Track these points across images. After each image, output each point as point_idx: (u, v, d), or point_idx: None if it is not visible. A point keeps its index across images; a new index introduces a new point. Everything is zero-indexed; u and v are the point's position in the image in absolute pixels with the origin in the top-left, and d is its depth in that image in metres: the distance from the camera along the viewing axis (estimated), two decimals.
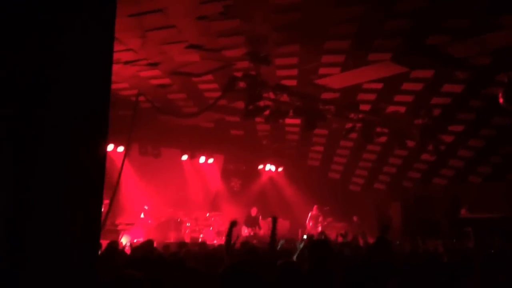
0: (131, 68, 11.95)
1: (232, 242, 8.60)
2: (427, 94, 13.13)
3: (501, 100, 10.92)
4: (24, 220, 2.33)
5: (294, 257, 7.66)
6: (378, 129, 15.14)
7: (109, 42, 2.89)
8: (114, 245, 8.86)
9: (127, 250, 10.21)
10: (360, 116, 14.58)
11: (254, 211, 18.08)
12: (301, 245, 9.53)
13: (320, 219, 18.41)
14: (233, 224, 7.13)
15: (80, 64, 2.65)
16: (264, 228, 18.27)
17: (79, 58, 2.65)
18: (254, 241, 14.53)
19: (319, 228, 17.75)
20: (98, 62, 2.76)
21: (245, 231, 17.29)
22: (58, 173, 2.48)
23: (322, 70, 12.08)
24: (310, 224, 18.29)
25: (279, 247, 10.18)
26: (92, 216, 2.63)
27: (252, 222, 17.85)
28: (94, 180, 2.65)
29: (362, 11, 9.12)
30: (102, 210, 12.21)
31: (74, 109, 2.59)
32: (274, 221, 6.81)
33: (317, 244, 5.73)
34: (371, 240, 13.33)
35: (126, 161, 12.10)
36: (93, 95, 2.69)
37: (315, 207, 18.55)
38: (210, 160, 19.28)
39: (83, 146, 2.61)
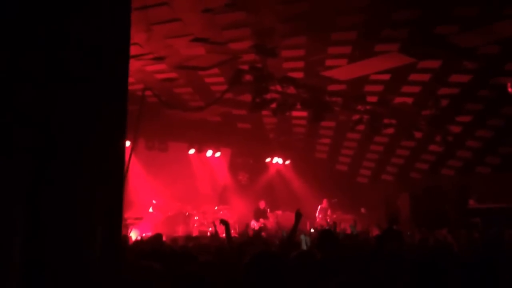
0: (136, 63, 11.92)
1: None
2: (434, 84, 13.05)
3: (510, 90, 10.85)
4: (42, 216, 2.33)
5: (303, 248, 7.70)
6: (386, 121, 15.06)
7: (126, 38, 2.88)
8: (124, 239, 8.92)
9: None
10: (368, 107, 14.52)
11: (262, 204, 18.10)
12: (306, 237, 9.55)
13: (329, 212, 18.39)
14: (226, 224, 7.16)
15: (98, 60, 2.64)
16: (272, 221, 18.30)
17: (98, 54, 2.63)
18: (263, 234, 14.54)
19: (328, 221, 17.74)
20: (115, 57, 2.74)
21: (254, 224, 17.29)
22: (77, 173, 2.47)
23: (328, 62, 12.02)
24: (320, 216, 18.27)
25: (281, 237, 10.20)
26: (114, 212, 2.63)
27: (260, 215, 17.86)
28: (115, 177, 2.65)
29: (370, 1, 9.06)
30: None
31: (93, 106, 2.58)
32: (298, 216, 6.80)
33: (324, 233, 5.80)
34: (377, 233, 13.36)
35: (133, 156, 12.09)
36: (112, 91, 2.68)
37: (324, 200, 18.52)
38: (218, 154, 19.27)
39: (102, 144, 2.60)
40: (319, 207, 18.50)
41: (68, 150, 2.45)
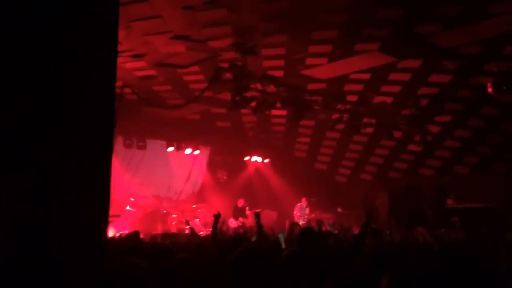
0: None
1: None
2: (414, 84, 13.10)
3: (489, 90, 10.92)
4: (28, 214, 2.34)
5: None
6: (365, 120, 15.07)
7: (113, 36, 2.89)
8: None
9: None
10: (347, 107, 14.52)
11: (241, 203, 18.06)
12: (284, 235, 9.56)
13: (308, 210, 18.40)
14: (217, 217, 7.20)
15: (87, 60, 2.66)
16: (251, 219, 18.25)
17: (86, 54, 2.65)
18: (241, 231, 14.49)
19: (306, 220, 17.75)
20: (103, 57, 2.78)
21: (232, 223, 17.24)
22: (64, 172, 2.49)
23: (309, 61, 11.99)
24: (298, 214, 18.27)
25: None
26: (100, 210, 2.70)
27: (239, 213, 17.81)
28: (101, 176, 2.71)
29: (351, 0, 9.03)
30: None
31: (82, 105, 2.60)
32: (257, 215, 6.90)
33: (305, 231, 5.81)
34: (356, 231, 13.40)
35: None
36: (100, 91, 2.70)
37: (303, 199, 18.52)
38: (196, 152, 19.18)
39: (90, 143, 2.62)
40: (297, 205, 18.50)
41: (55, 150, 2.44)
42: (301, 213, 18.29)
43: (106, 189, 2.68)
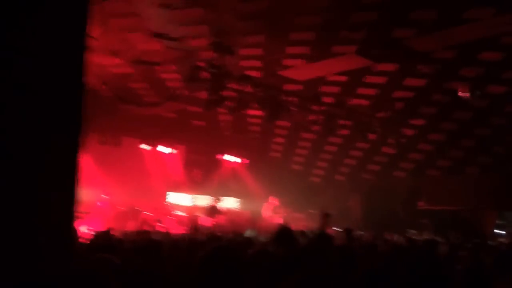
0: (91, 56, 11.64)
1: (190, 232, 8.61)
2: (390, 87, 13.21)
3: (459, 93, 11.08)
4: None
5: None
6: (341, 122, 15.17)
7: (82, 28, 2.85)
8: (74, 231, 8.74)
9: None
10: (323, 108, 14.59)
11: (214, 202, 18.05)
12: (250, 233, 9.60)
13: (277, 209, 18.41)
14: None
15: (52, 50, 2.60)
16: (225, 218, 18.26)
17: (53, 47, 2.60)
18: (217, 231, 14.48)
19: (277, 218, 17.81)
20: (71, 51, 2.71)
21: (206, 221, 17.20)
22: (31, 166, 2.46)
23: (286, 62, 12.01)
24: (267, 214, 18.31)
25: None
26: (66, 206, 2.66)
27: (212, 212, 17.79)
28: (69, 171, 2.66)
29: (328, 3, 9.08)
30: None
31: (46, 98, 2.55)
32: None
33: (281, 230, 5.83)
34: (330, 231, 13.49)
35: (85, 150, 11.86)
36: (66, 84, 2.66)
37: (270, 197, 18.56)
38: (172, 150, 19.08)
39: (56, 137, 2.59)
40: (265, 204, 18.52)
41: (21, 144, 2.41)
42: (274, 211, 18.30)
43: (72, 182, 2.64)
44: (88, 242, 8.76)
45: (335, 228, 14.67)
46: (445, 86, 12.67)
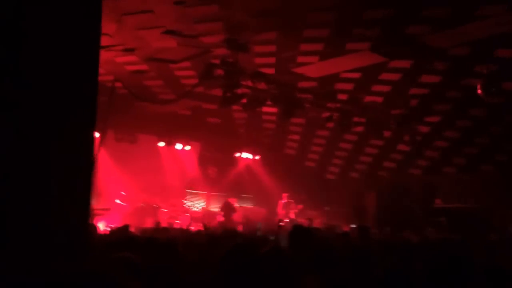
0: (106, 54, 11.72)
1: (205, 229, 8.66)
2: (405, 84, 13.15)
3: (479, 91, 10.98)
4: (9, 211, 2.33)
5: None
6: (355, 119, 15.13)
7: (96, 28, 2.86)
8: (92, 228, 8.90)
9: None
10: (338, 105, 14.57)
11: (232, 200, 18.10)
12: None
13: (292, 206, 18.41)
14: None
15: (67, 50, 2.61)
16: (240, 215, 18.31)
17: (67, 44, 2.61)
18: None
19: (292, 216, 17.80)
20: (85, 49, 2.72)
21: (221, 218, 17.29)
22: (47, 163, 2.46)
23: (300, 59, 12.01)
24: (283, 212, 18.30)
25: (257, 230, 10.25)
26: (81, 204, 2.64)
27: (227, 209, 17.86)
28: (84, 170, 2.65)
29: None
30: None
31: (62, 97, 2.56)
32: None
33: (299, 229, 5.82)
34: (346, 229, 13.48)
35: (102, 147, 11.98)
36: (81, 82, 2.66)
37: (284, 195, 18.54)
38: (187, 147, 19.17)
39: (71, 135, 2.59)
40: (280, 202, 18.51)
41: (37, 142, 2.43)
42: (286, 210, 18.30)
43: (87, 180, 2.66)
44: (107, 238, 8.90)
45: (352, 226, 14.66)
46: (461, 82, 12.59)
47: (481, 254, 7.61)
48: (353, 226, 14.40)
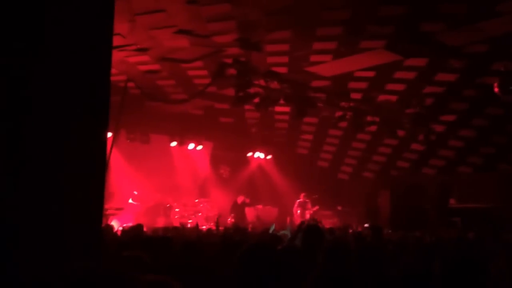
0: (119, 53, 11.72)
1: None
2: (419, 83, 13.03)
3: (496, 90, 10.84)
4: (23, 208, 2.34)
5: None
6: (369, 118, 15.03)
7: (108, 29, 2.84)
8: (108, 228, 8.95)
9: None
10: (351, 104, 14.47)
11: (240, 199, 18.06)
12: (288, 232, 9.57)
13: (308, 206, 18.32)
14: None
15: (80, 51, 2.64)
16: (251, 215, 18.28)
17: (79, 45, 2.60)
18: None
19: (307, 216, 17.71)
20: (98, 50, 2.73)
21: (234, 218, 17.26)
22: (59, 162, 2.48)
23: (313, 58, 11.93)
24: (298, 211, 18.22)
25: (271, 231, 10.21)
26: (94, 205, 2.69)
27: (237, 209, 17.83)
28: (96, 168, 2.68)
29: None
30: None
31: (75, 98, 2.59)
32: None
33: (311, 228, 5.79)
34: (359, 229, 13.39)
35: (114, 147, 11.98)
36: (94, 83, 2.68)
37: (301, 194, 18.45)
38: (199, 147, 19.15)
39: (84, 134, 2.62)
40: (296, 201, 18.43)
41: (50, 141, 2.44)
42: (302, 210, 18.21)
43: (99, 181, 2.63)
44: (120, 237, 8.91)
45: (365, 225, 14.57)
46: (477, 81, 12.45)
47: (497, 254, 7.51)
48: (366, 225, 14.32)
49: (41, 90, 2.41)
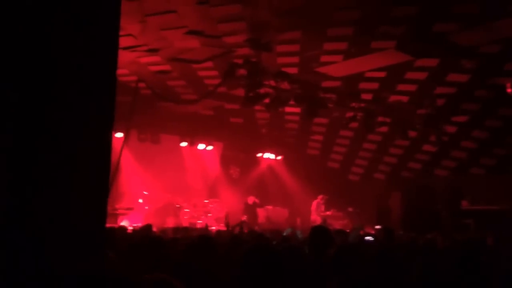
0: (130, 54, 11.75)
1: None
2: (431, 83, 12.94)
3: (509, 90, 10.75)
4: (28, 208, 2.35)
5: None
6: (380, 119, 14.94)
7: (114, 30, 2.83)
8: (122, 229, 9.01)
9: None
10: (362, 105, 14.39)
11: (250, 200, 18.04)
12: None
13: (322, 208, 18.28)
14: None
15: (85, 52, 2.63)
16: (262, 216, 18.25)
17: (85, 46, 2.61)
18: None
19: (321, 217, 17.69)
20: (104, 49, 2.72)
21: (245, 219, 17.23)
22: (64, 162, 2.48)
23: (324, 58, 11.89)
24: (315, 211, 18.20)
25: (285, 234, 10.18)
26: (99, 202, 2.68)
27: (250, 209, 17.81)
28: (101, 168, 2.68)
29: None
30: None
31: (80, 97, 2.58)
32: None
33: (317, 230, 5.80)
34: (370, 231, 13.32)
35: (125, 147, 12.02)
36: (100, 82, 2.68)
37: (320, 196, 18.40)
38: (209, 147, 19.16)
39: (90, 134, 2.62)
40: (314, 201, 18.38)
41: (55, 142, 2.43)
42: (317, 210, 18.18)
43: (104, 183, 2.62)
44: (130, 237, 8.91)
45: (377, 227, 14.48)
46: (489, 81, 12.35)
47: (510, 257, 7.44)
48: (377, 227, 14.24)
49: (46, 92, 2.40)
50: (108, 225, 9.21)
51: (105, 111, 2.64)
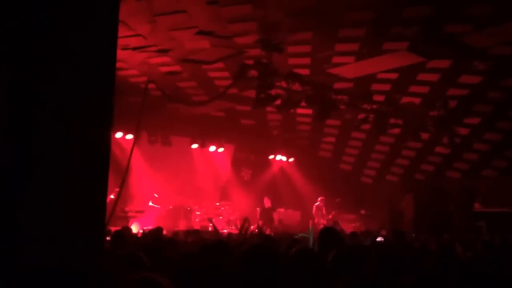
0: (140, 55, 11.75)
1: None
2: (443, 85, 12.84)
3: None
4: (26, 209, 2.34)
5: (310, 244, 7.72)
6: (392, 121, 14.85)
7: (112, 27, 2.80)
8: (126, 230, 8.94)
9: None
10: (374, 106, 14.31)
11: (267, 202, 17.92)
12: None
13: (323, 210, 18.10)
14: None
15: (82, 49, 2.61)
16: (276, 220, 18.14)
17: (81, 43, 2.58)
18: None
19: (325, 220, 17.56)
20: (101, 47, 2.70)
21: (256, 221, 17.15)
22: (61, 161, 2.46)
23: (335, 59, 11.84)
24: (317, 214, 18.08)
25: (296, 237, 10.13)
26: (97, 204, 2.66)
27: (262, 212, 17.73)
28: (99, 168, 2.65)
29: None
30: (112, 197, 12.27)
31: (76, 96, 2.56)
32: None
33: (327, 231, 5.77)
34: (383, 233, 13.21)
35: (135, 149, 11.99)
36: (96, 81, 2.66)
37: (319, 198, 18.28)
38: (221, 149, 19.11)
39: (87, 133, 2.59)
40: (314, 205, 18.26)
41: (52, 141, 2.42)
42: (319, 213, 18.02)
43: (102, 181, 2.59)
44: (140, 240, 8.88)
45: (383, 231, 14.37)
46: (502, 83, 12.23)
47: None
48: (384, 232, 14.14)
49: (44, 90, 2.37)
50: (118, 227, 9.23)
51: (103, 109, 2.61)
